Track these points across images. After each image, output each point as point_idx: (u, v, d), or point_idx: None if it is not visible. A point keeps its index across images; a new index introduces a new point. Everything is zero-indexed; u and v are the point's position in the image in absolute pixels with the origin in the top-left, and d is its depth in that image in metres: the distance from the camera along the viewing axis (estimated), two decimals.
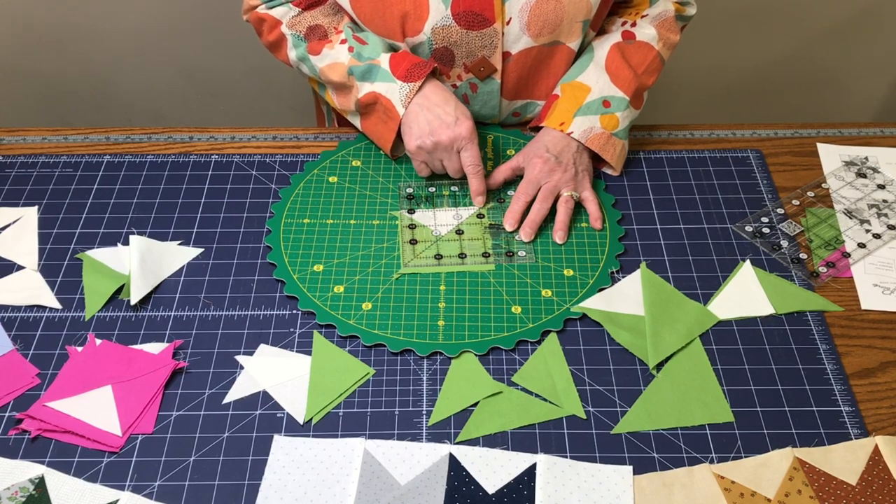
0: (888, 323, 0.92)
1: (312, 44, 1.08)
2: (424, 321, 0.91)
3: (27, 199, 1.07)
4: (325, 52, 1.07)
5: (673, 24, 1.10)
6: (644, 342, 0.89)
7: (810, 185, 1.09)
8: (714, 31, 1.77)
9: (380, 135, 1.07)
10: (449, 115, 1.00)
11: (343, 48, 1.06)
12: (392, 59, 1.03)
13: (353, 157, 1.12)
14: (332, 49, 1.07)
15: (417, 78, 1.01)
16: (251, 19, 1.13)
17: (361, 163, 1.11)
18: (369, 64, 1.04)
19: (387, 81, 1.03)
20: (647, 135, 1.17)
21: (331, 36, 1.08)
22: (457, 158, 1.02)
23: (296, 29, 1.09)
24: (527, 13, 1.01)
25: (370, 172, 1.10)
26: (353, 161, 1.12)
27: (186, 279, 0.97)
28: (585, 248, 1.00)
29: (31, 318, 0.93)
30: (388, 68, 1.03)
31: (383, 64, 1.03)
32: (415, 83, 1.01)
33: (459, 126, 0.99)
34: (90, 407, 0.83)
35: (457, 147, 1.00)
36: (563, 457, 0.80)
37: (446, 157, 1.02)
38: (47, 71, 1.78)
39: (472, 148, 1.00)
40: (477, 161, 1.01)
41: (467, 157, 1.01)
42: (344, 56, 1.06)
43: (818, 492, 0.77)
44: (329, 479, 0.78)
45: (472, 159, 1.01)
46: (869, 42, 1.83)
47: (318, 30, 1.08)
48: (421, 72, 1.01)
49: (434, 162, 1.03)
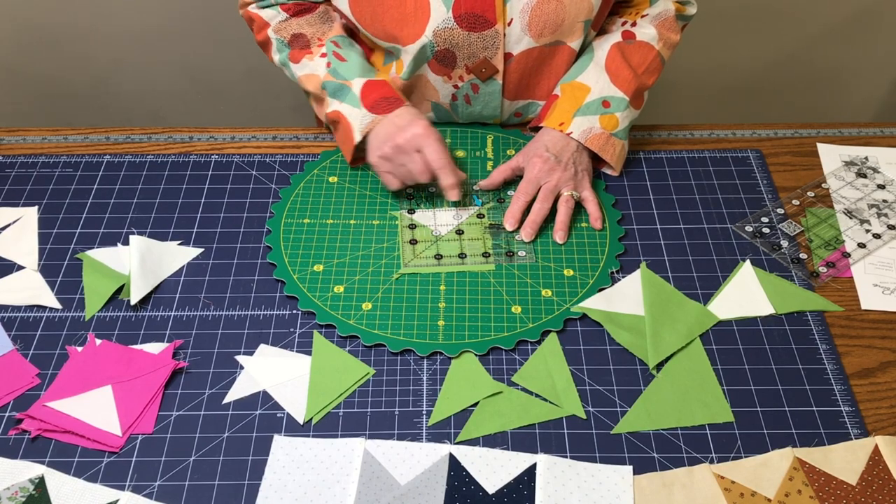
0: (888, 323, 0.92)
1: (294, 52, 1.10)
2: (424, 321, 0.91)
3: (27, 199, 1.07)
4: (304, 62, 1.09)
5: (673, 24, 1.10)
6: (644, 342, 0.89)
7: (810, 185, 1.09)
8: (714, 31, 1.77)
9: (342, 149, 1.08)
10: (402, 120, 1.00)
11: (322, 62, 1.08)
12: (366, 85, 1.04)
13: None
14: (312, 60, 1.09)
15: (382, 112, 1.01)
16: (244, 16, 1.14)
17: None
18: (342, 84, 1.05)
19: (353, 106, 1.03)
20: (647, 135, 1.17)
21: (313, 47, 1.09)
22: (419, 159, 0.99)
23: (281, 34, 1.10)
24: (528, 14, 1.01)
25: (370, 172, 1.10)
26: None
27: (186, 279, 0.97)
28: (585, 248, 1.00)
29: (31, 318, 0.93)
30: (358, 94, 1.04)
31: (355, 88, 1.04)
32: (378, 116, 1.01)
33: (414, 126, 0.98)
34: (90, 407, 0.83)
35: (416, 147, 0.99)
36: (563, 457, 0.80)
37: (408, 160, 0.99)
38: (47, 71, 1.78)
39: (432, 144, 0.98)
40: (441, 156, 0.98)
41: (431, 153, 0.98)
42: (321, 69, 1.07)
43: (818, 492, 0.77)
44: (329, 479, 0.78)
45: (435, 154, 0.98)
46: (869, 42, 1.83)
47: (302, 39, 1.09)
48: (388, 107, 1.02)
49: (398, 169, 1.01)
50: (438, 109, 1.14)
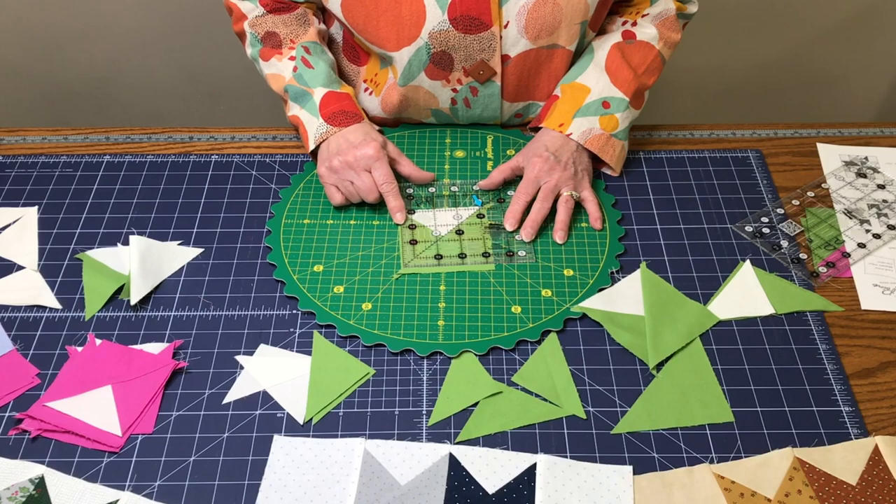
0: (888, 323, 0.92)
1: (265, 49, 1.11)
2: (424, 321, 0.91)
3: (27, 199, 1.07)
4: (272, 62, 1.10)
5: (674, 23, 1.10)
6: (644, 342, 0.89)
7: (810, 185, 1.09)
8: (714, 30, 1.76)
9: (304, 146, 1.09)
10: (356, 137, 1.01)
11: (289, 64, 1.08)
12: (326, 95, 1.06)
13: None
14: (280, 62, 1.09)
15: (338, 125, 1.03)
16: (224, 3, 1.14)
17: None
18: (304, 90, 1.07)
19: (311, 114, 1.05)
20: (647, 135, 1.17)
21: (283, 48, 1.10)
22: (367, 178, 1.00)
23: (255, 30, 1.11)
24: (524, 16, 1.01)
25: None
26: None
27: (186, 279, 0.97)
28: (585, 248, 1.00)
29: (31, 318, 0.93)
30: (318, 103, 1.05)
31: (315, 96, 1.06)
32: (333, 128, 1.03)
33: (366, 145, 1.00)
34: (90, 407, 0.83)
35: (364, 166, 1.00)
36: (563, 457, 0.80)
37: (355, 178, 1.00)
38: (47, 71, 1.78)
39: (380, 166, 1.00)
40: (389, 178, 1.00)
41: (379, 176, 1.00)
42: (287, 72, 1.08)
43: (818, 492, 0.77)
44: (329, 479, 0.78)
45: (384, 177, 1.00)
46: (869, 42, 1.83)
47: (274, 38, 1.10)
48: (346, 121, 1.04)
49: (344, 184, 1.01)
50: (439, 115, 1.14)
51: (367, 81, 1.14)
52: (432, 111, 1.13)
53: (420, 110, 1.13)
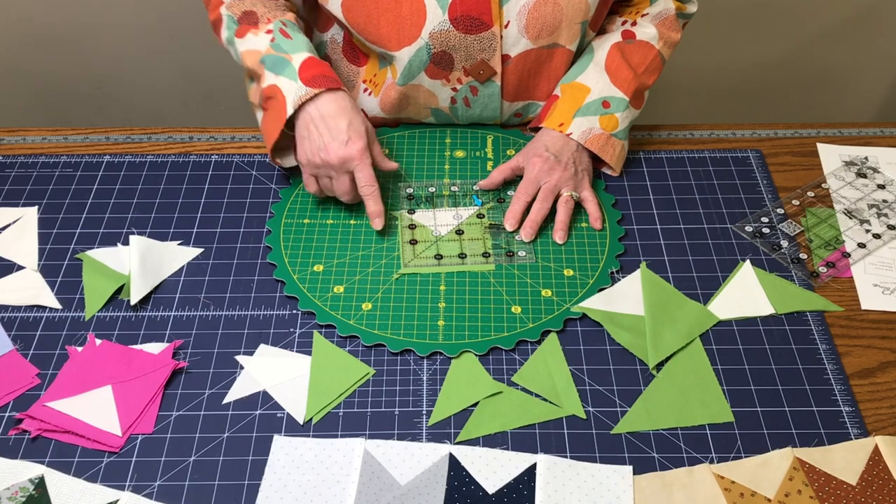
0: (888, 323, 0.92)
1: (241, 27, 1.05)
2: (424, 321, 0.91)
3: (27, 199, 1.07)
4: (248, 37, 1.04)
5: (674, 23, 1.10)
6: (644, 342, 0.89)
7: (810, 185, 1.09)
8: (714, 30, 1.77)
9: (266, 132, 1.03)
10: (341, 133, 0.96)
11: (266, 37, 1.03)
12: (306, 60, 1.00)
13: None
14: (256, 36, 1.04)
15: (319, 86, 0.97)
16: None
17: None
18: (282, 57, 1.00)
19: (290, 79, 0.99)
20: (647, 135, 1.17)
21: (260, 24, 1.05)
22: (346, 179, 0.97)
23: (232, 11, 1.06)
24: (525, 16, 1.01)
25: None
26: None
27: (186, 279, 0.97)
28: (585, 248, 1.00)
29: (31, 318, 0.93)
30: (297, 67, 0.99)
31: (294, 62, 1.00)
32: (312, 89, 0.97)
33: (350, 146, 0.95)
34: (90, 407, 0.83)
35: (346, 168, 0.96)
36: (563, 457, 0.80)
37: (335, 177, 0.98)
38: (47, 71, 1.78)
39: (363, 168, 0.96)
40: (371, 181, 0.97)
41: (361, 178, 0.96)
42: (263, 44, 1.02)
43: (818, 492, 0.77)
44: (329, 479, 0.78)
45: (365, 180, 0.96)
46: (869, 42, 1.83)
47: (252, 16, 1.05)
48: (326, 83, 0.98)
49: (323, 179, 0.99)
50: (438, 114, 1.14)
51: (366, 82, 1.14)
52: (432, 110, 1.13)
53: (420, 109, 1.13)
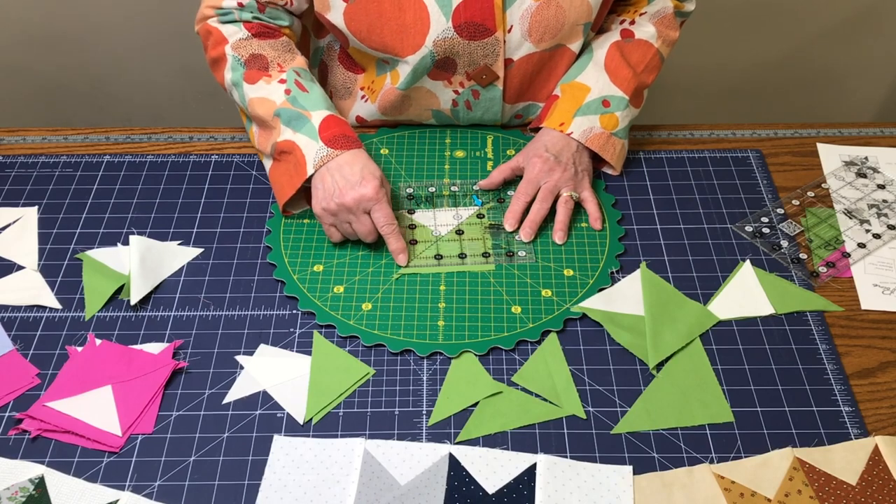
0: (888, 323, 0.92)
1: (251, 72, 1.03)
2: (424, 321, 0.91)
3: (27, 199, 1.07)
4: (260, 84, 1.02)
5: (672, 21, 1.10)
6: (644, 342, 0.89)
7: (810, 185, 1.09)
8: (714, 30, 1.76)
9: (281, 186, 1.00)
10: (354, 175, 0.94)
11: (280, 87, 1.01)
12: (326, 119, 0.98)
13: None
14: (269, 84, 1.02)
15: (340, 147, 0.96)
16: (200, 31, 1.08)
17: None
18: (300, 113, 0.99)
19: (310, 137, 0.97)
20: (647, 135, 1.17)
21: (272, 70, 1.03)
22: (366, 220, 0.95)
23: (238, 52, 1.03)
24: (528, 20, 1.01)
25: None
26: None
27: (186, 279, 0.97)
28: (585, 248, 1.00)
29: (31, 318, 0.93)
30: (317, 126, 0.98)
31: (314, 120, 0.98)
32: (334, 150, 0.96)
33: (364, 186, 0.93)
34: (90, 407, 0.83)
35: (363, 208, 0.94)
36: (563, 457, 0.80)
37: (353, 220, 0.95)
38: (47, 71, 1.78)
39: (380, 207, 0.94)
40: (390, 220, 0.95)
41: (379, 218, 0.94)
42: (278, 96, 1.00)
43: (818, 492, 0.77)
44: (329, 479, 0.78)
45: (384, 219, 0.94)
46: (869, 42, 1.83)
47: (261, 59, 1.03)
48: (346, 144, 0.97)
49: (342, 225, 0.96)
50: (439, 115, 1.14)
51: (363, 89, 1.14)
52: (433, 112, 1.13)
53: (420, 111, 1.13)
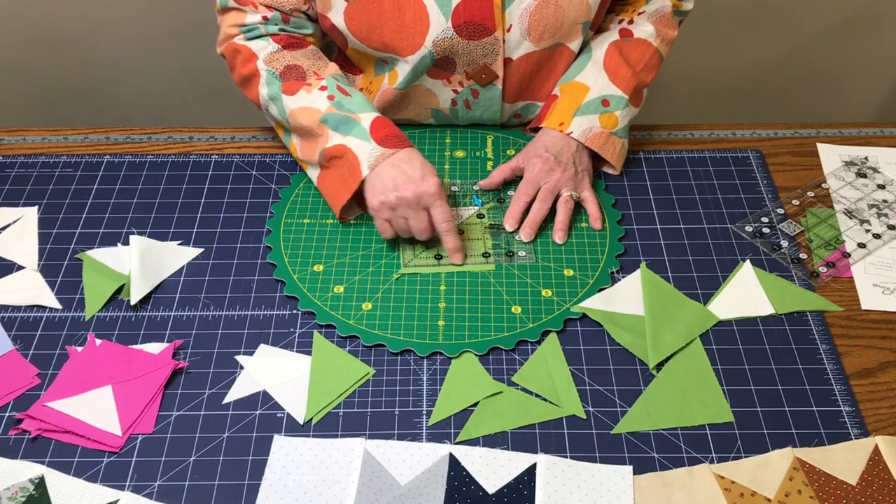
0: (888, 323, 0.92)
1: (289, 83, 1.03)
2: (424, 321, 0.91)
3: (27, 199, 1.07)
4: (300, 94, 1.02)
5: (670, 20, 1.10)
6: (644, 342, 0.89)
7: (810, 185, 1.09)
8: (714, 30, 1.76)
9: (335, 191, 1.00)
10: (415, 171, 0.94)
11: (322, 94, 1.01)
12: (375, 120, 0.98)
13: None
14: (310, 93, 1.01)
15: (393, 146, 0.96)
16: (225, 52, 1.07)
17: None
18: (348, 116, 0.98)
19: (361, 139, 0.97)
20: (647, 135, 1.17)
21: (310, 79, 1.03)
22: (424, 216, 0.94)
23: (272, 66, 1.03)
24: (527, 19, 1.01)
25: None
26: None
27: (186, 279, 0.97)
28: (585, 248, 1.00)
29: (31, 318, 0.93)
30: (368, 127, 0.97)
31: (364, 122, 0.98)
32: (389, 149, 0.96)
33: (426, 182, 0.93)
34: (90, 407, 0.83)
35: (423, 204, 0.94)
36: (563, 457, 0.80)
37: (412, 215, 0.94)
38: (47, 71, 1.78)
39: (440, 205, 0.94)
40: (448, 217, 0.95)
41: (438, 215, 0.94)
42: (321, 103, 1.00)
43: (818, 492, 0.77)
44: (329, 479, 0.78)
45: (443, 216, 0.94)
46: (869, 42, 1.83)
47: (297, 70, 1.03)
48: (399, 143, 0.97)
49: (398, 220, 0.95)
50: (438, 115, 1.14)
51: (362, 90, 1.14)
52: (432, 111, 1.13)
53: (420, 110, 1.13)
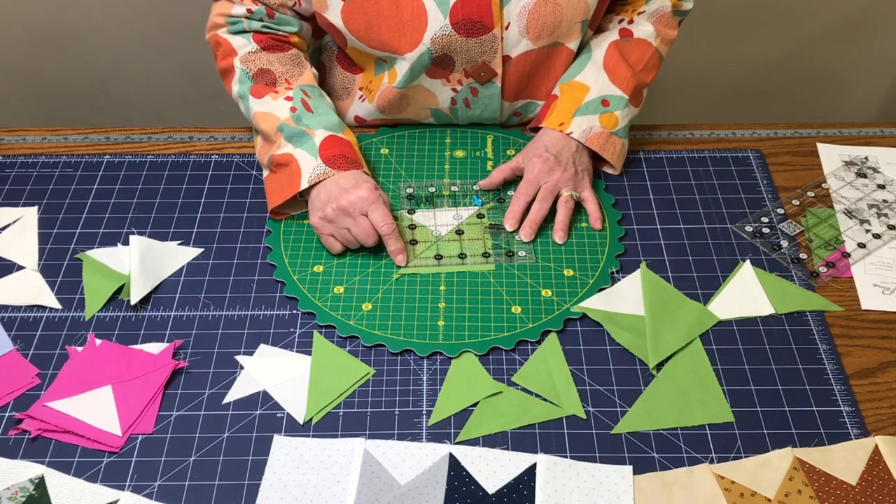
0: (888, 323, 0.92)
1: (258, 86, 1.05)
2: (424, 321, 0.91)
3: (27, 199, 1.07)
4: (266, 99, 1.04)
5: (670, 20, 1.10)
6: (644, 342, 0.89)
7: (810, 185, 1.09)
8: (714, 30, 1.76)
9: (273, 193, 1.01)
10: (348, 182, 0.95)
11: (286, 104, 1.02)
12: (327, 139, 0.99)
13: None
14: (275, 100, 1.03)
15: (337, 167, 0.97)
16: (210, 41, 1.09)
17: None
18: (303, 131, 1.00)
19: (309, 154, 0.98)
20: (647, 135, 1.17)
21: (279, 86, 1.05)
22: (364, 222, 0.94)
23: (247, 66, 1.05)
24: (525, 17, 1.01)
25: (370, 172, 1.10)
26: None
27: (186, 279, 0.97)
28: (585, 248, 1.00)
29: (31, 318, 0.93)
30: (318, 144, 0.99)
31: (316, 138, 0.99)
32: (332, 170, 0.97)
33: (358, 188, 0.94)
34: (90, 407, 0.83)
35: (360, 210, 0.94)
36: (563, 457, 0.80)
37: (351, 224, 0.94)
38: (47, 71, 1.78)
39: (377, 208, 0.94)
40: (387, 220, 0.94)
41: (377, 219, 0.94)
42: (283, 112, 1.02)
43: (818, 492, 0.77)
44: (329, 479, 0.78)
45: (382, 219, 0.94)
46: (869, 42, 1.83)
47: (269, 75, 1.04)
48: (345, 165, 0.97)
49: (340, 232, 0.96)
50: (438, 114, 1.14)
51: (362, 89, 1.14)
52: (431, 111, 1.13)
53: (419, 110, 1.13)
